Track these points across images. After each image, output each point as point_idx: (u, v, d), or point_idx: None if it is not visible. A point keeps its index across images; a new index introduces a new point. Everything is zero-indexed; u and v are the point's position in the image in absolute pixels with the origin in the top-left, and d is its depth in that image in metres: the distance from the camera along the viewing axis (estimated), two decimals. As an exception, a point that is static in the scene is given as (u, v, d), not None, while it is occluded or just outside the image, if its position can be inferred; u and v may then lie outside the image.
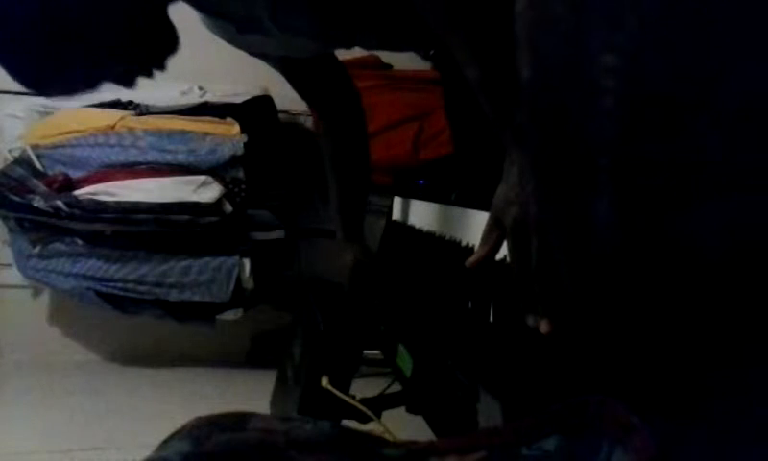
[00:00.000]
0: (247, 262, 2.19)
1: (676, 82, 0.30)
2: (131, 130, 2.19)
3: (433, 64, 1.95)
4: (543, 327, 0.58)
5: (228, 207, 2.15)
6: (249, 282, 2.20)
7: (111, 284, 2.14)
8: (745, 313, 0.32)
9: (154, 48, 0.72)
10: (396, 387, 1.01)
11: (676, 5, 0.29)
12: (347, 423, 0.88)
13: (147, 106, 2.30)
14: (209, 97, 2.35)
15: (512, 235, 0.63)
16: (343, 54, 1.09)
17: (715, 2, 0.28)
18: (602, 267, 0.39)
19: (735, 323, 0.33)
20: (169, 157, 2.15)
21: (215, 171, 2.17)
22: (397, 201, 1.41)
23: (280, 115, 2.38)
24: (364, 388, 1.00)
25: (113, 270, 2.13)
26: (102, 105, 2.26)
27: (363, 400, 0.94)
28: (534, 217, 0.58)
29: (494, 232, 0.67)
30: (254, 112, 2.30)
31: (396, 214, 1.39)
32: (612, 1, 0.31)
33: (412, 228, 1.25)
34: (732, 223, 0.31)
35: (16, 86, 0.67)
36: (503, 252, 0.71)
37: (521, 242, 0.60)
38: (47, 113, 2.28)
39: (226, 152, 2.17)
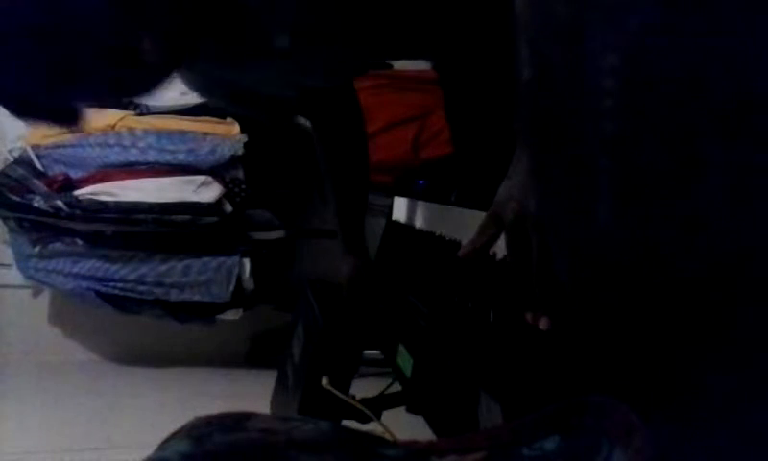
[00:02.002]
0: (247, 262, 2.19)
1: (675, 82, 0.30)
2: (130, 130, 2.19)
3: (433, 65, 1.95)
4: (543, 324, 0.58)
5: (228, 207, 2.15)
6: (249, 282, 2.20)
7: (111, 284, 2.14)
8: (745, 315, 0.32)
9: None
10: (396, 387, 1.01)
11: (675, 6, 0.29)
12: (347, 423, 0.88)
13: (147, 106, 2.30)
14: (209, 97, 2.35)
15: (511, 230, 0.63)
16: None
17: (715, 2, 0.28)
18: (601, 267, 0.39)
19: (736, 325, 0.33)
20: (169, 157, 2.16)
21: (215, 171, 2.17)
22: (397, 201, 1.40)
23: (280, 115, 2.39)
24: (364, 388, 1.00)
25: (113, 270, 2.13)
26: (102, 105, 2.26)
27: (363, 400, 0.94)
28: (533, 213, 0.58)
29: (491, 227, 0.67)
30: (254, 112, 2.30)
31: (396, 214, 1.39)
32: (611, 2, 0.31)
33: (412, 228, 1.25)
34: (733, 226, 0.31)
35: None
36: (503, 252, 0.71)
37: (520, 237, 0.60)
38: (47, 113, 2.28)
39: (226, 152, 2.17)
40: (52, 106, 0.59)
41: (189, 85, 0.89)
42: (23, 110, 0.59)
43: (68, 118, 0.61)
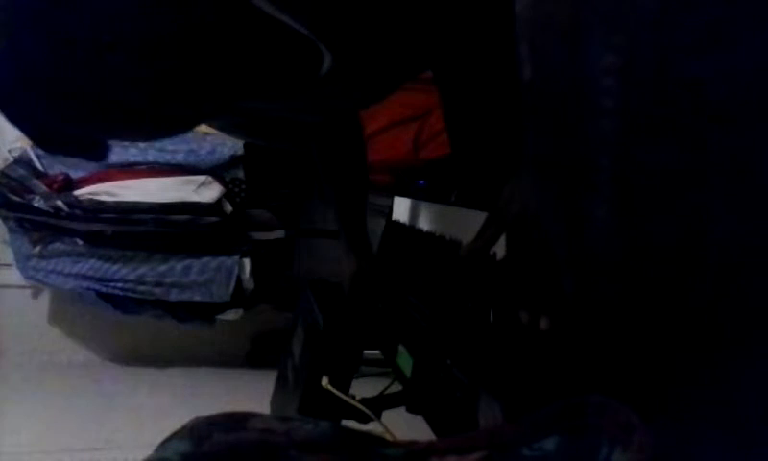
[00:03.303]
0: (247, 262, 2.19)
1: (676, 81, 0.30)
2: (131, 130, 2.19)
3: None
4: (543, 324, 0.58)
5: (228, 207, 2.16)
6: (249, 282, 2.20)
7: (111, 284, 2.14)
8: (747, 317, 0.32)
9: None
10: (396, 387, 1.01)
11: (674, 4, 0.29)
12: (347, 423, 0.88)
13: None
14: (209, 97, 2.35)
15: (512, 230, 0.63)
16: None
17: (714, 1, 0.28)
18: (600, 266, 0.39)
19: (737, 326, 0.33)
20: (169, 157, 2.16)
21: (215, 171, 2.17)
22: (397, 201, 1.40)
23: (280, 115, 2.38)
24: (364, 388, 0.99)
25: (113, 270, 2.13)
26: (102, 105, 2.26)
27: (363, 400, 0.94)
28: (534, 213, 0.58)
29: (492, 227, 0.67)
30: (254, 112, 2.30)
31: (396, 214, 1.39)
32: (611, 1, 0.31)
33: (412, 228, 1.25)
34: (734, 228, 0.31)
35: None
36: (503, 252, 0.71)
37: (521, 237, 0.61)
38: (47, 113, 2.27)
39: (226, 152, 2.17)
40: (79, 137, 0.54)
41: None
42: (47, 140, 0.53)
43: (95, 150, 0.56)
